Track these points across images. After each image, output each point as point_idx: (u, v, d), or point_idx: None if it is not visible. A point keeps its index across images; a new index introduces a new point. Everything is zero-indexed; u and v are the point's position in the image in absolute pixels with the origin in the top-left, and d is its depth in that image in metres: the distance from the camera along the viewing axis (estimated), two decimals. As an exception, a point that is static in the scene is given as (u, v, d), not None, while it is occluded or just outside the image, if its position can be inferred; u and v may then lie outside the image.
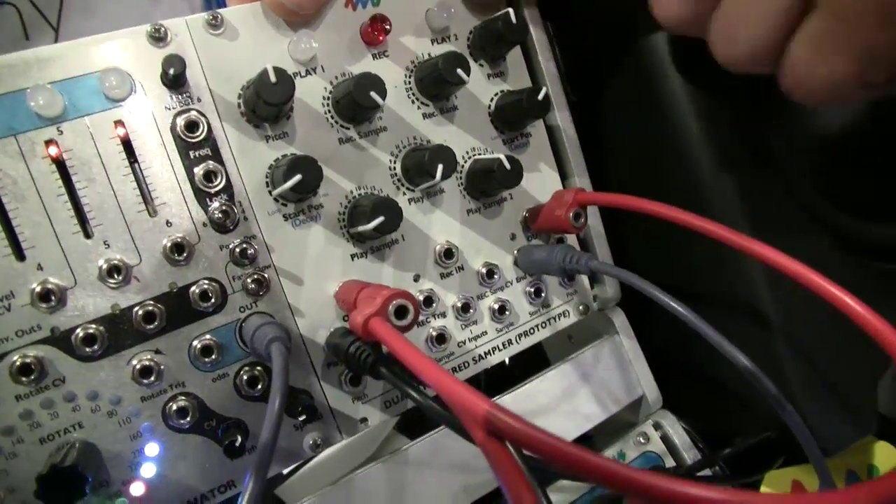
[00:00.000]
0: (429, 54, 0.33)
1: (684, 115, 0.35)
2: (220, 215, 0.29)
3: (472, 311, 0.34)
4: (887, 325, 0.25)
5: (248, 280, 0.29)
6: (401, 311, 0.25)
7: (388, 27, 0.32)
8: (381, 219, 0.28)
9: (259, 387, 0.29)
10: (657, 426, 0.39)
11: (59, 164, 0.26)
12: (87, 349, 0.27)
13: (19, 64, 0.26)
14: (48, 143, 0.26)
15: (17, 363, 0.26)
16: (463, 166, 0.34)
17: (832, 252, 0.38)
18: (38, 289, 0.26)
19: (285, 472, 0.49)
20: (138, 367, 0.27)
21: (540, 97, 0.32)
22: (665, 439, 0.39)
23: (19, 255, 0.26)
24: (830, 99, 0.26)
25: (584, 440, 0.42)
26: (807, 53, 0.25)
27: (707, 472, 0.37)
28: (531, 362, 0.41)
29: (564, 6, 0.38)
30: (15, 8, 0.54)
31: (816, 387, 0.36)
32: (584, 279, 0.38)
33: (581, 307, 0.38)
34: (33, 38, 0.55)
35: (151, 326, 0.28)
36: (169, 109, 0.28)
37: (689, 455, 0.38)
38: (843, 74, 0.24)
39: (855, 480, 0.42)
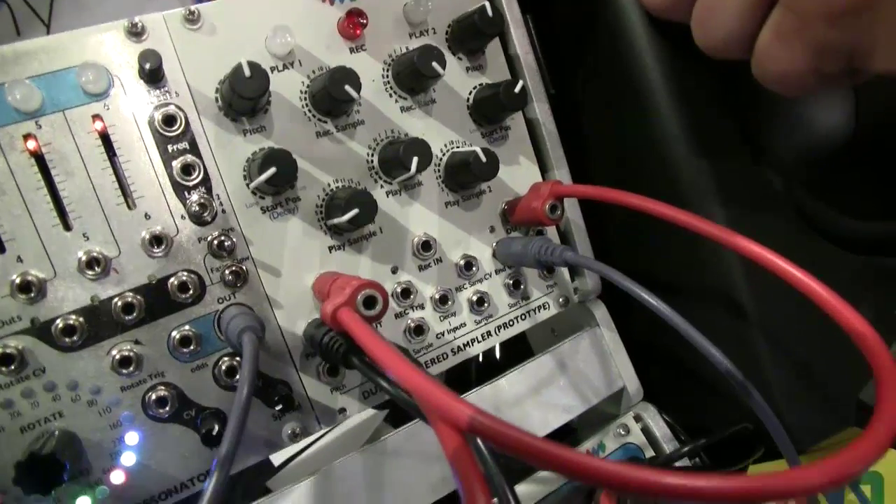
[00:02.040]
0: (406, 48, 0.33)
1: (662, 106, 0.35)
2: (197, 208, 0.29)
3: (450, 302, 0.34)
4: (857, 314, 0.25)
5: (227, 272, 0.30)
6: (369, 302, 0.25)
7: (364, 21, 0.32)
8: (355, 211, 0.29)
9: (237, 377, 0.30)
10: (638, 418, 0.39)
11: (38, 157, 0.27)
12: (67, 340, 0.27)
13: (-3, 59, 0.26)
14: (27, 137, 0.27)
15: (-2, 353, 0.26)
16: (441, 159, 0.34)
17: (811, 243, 0.39)
18: (17, 280, 0.26)
19: (277, 464, 0.50)
20: (118, 357, 0.28)
21: (517, 90, 0.33)
22: (646, 431, 0.39)
23: (-1, 247, 0.26)
24: (794, 87, 0.27)
25: (569, 432, 0.42)
26: (769, 43, 0.26)
27: (686, 462, 0.37)
28: (524, 354, 0.41)
29: (544, -1, 0.39)
30: (6, 4, 0.54)
31: (793, 378, 0.36)
32: (565, 271, 0.38)
33: (561, 299, 0.38)
34: (25, 34, 0.55)
35: (130, 317, 0.28)
36: (147, 104, 0.29)
37: (670, 447, 0.39)
38: (799, 64, 0.26)
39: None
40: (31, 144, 0.27)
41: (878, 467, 0.42)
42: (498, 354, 0.48)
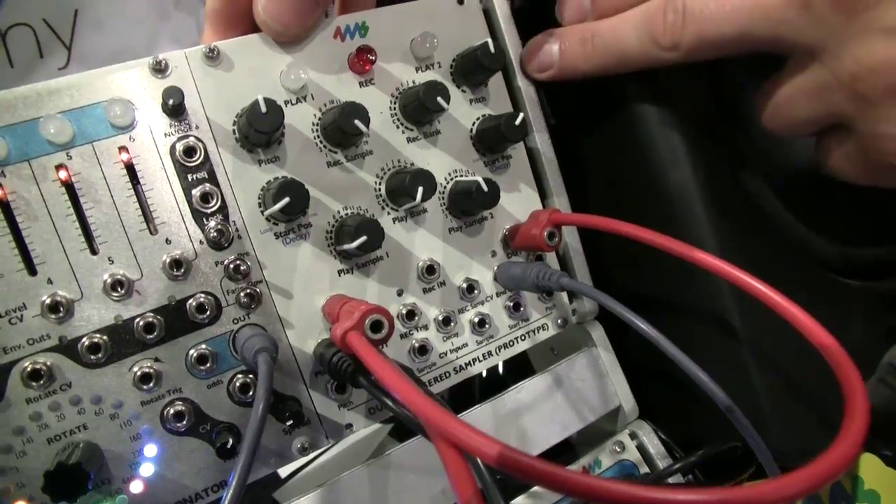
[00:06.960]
0: (413, 82, 0.35)
1: (656, 134, 0.37)
2: (215, 234, 0.31)
3: (453, 324, 0.36)
4: (822, 328, 0.26)
5: (242, 294, 0.31)
6: (376, 326, 0.27)
7: (373, 57, 0.34)
8: (363, 238, 0.30)
9: (250, 393, 0.31)
10: (633, 436, 0.41)
11: (68, 186, 0.29)
12: (92, 357, 0.29)
13: (32, 95, 0.28)
14: (58, 167, 0.28)
15: (28, 369, 0.28)
16: (445, 187, 0.36)
17: (803, 269, 0.40)
18: (47, 301, 0.28)
19: (283, 476, 0.51)
20: (139, 373, 0.30)
21: (517, 122, 0.34)
22: (641, 448, 0.41)
23: (31, 270, 0.28)
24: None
25: (567, 448, 0.44)
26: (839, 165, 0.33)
27: (679, 478, 0.38)
28: (526, 372, 0.43)
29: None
30: (31, 28, 0.57)
31: (783, 399, 0.37)
32: (564, 294, 0.40)
33: (560, 321, 0.39)
34: (47, 56, 0.57)
35: (151, 336, 0.30)
36: (169, 136, 0.30)
37: (664, 464, 0.40)
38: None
39: (840, 492, 0.43)
40: (63, 174, 0.29)
41: (874, 486, 0.42)
42: (501, 371, 0.50)
